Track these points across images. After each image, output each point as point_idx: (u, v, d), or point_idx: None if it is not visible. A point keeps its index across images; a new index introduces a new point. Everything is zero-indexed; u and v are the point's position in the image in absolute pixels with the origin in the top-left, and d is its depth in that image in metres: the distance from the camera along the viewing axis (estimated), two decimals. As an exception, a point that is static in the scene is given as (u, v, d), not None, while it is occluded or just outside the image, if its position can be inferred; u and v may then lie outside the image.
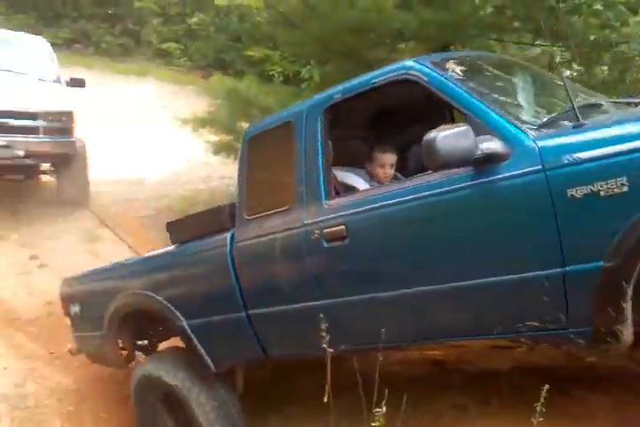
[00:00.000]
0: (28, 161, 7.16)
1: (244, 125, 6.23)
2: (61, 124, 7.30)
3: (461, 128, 2.33)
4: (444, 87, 2.63)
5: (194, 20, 16.24)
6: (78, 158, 7.65)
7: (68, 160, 7.54)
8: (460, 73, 2.74)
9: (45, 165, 7.83)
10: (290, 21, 6.42)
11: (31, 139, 7.05)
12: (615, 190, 2.06)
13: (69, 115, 7.40)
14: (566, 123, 2.45)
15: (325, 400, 2.62)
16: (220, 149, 6.45)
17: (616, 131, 2.18)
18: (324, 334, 2.60)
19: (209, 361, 3.37)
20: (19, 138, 6.96)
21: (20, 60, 8.10)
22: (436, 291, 2.54)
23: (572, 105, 2.33)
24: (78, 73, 10.81)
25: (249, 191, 3.33)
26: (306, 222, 2.93)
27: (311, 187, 2.97)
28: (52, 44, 9.17)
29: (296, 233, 2.97)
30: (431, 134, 2.32)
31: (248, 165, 3.39)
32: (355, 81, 3.04)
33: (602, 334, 2.19)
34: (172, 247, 3.76)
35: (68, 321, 4.38)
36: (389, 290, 2.67)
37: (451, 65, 2.77)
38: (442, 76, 2.66)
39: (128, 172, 8.46)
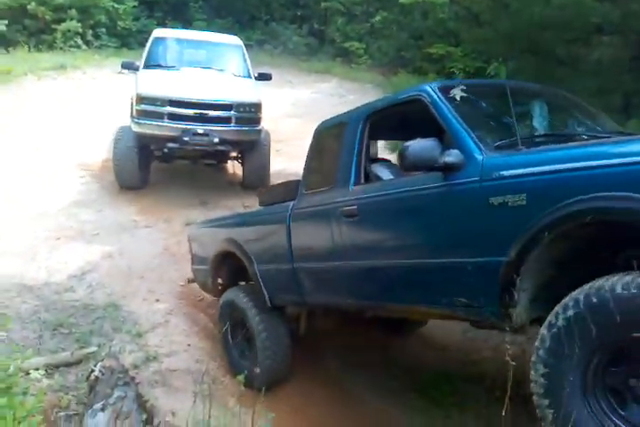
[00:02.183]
0: (222, 147, 7.88)
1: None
2: (251, 114, 8.01)
3: (429, 141, 3.06)
4: (436, 108, 3.30)
5: (377, 18, 16.41)
6: (263, 146, 8.34)
7: (254, 147, 8.23)
8: (459, 98, 3.32)
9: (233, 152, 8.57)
10: (476, 18, 6.24)
11: (225, 127, 7.78)
12: (518, 203, 2.67)
13: (258, 106, 8.09)
14: (521, 147, 2.97)
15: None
16: (397, 146, 6.44)
17: (529, 157, 2.82)
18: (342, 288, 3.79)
19: (267, 297, 4.45)
20: (215, 127, 7.73)
21: (218, 59, 9.11)
22: (405, 265, 3.34)
23: (516, 133, 2.96)
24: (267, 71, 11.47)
25: (309, 172, 4.28)
26: (336, 200, 3.76)
27: (345, 174, 3.80)
28: (245, 45, 9.81)
29: (329, 208, 3.81)
30: (406, 143, 3.08)
31: (312, 152, 4.32)
32: (390, 96, 3.96)
33: (504, 315, 2.77)
34: (257, 208, 5.09)
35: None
36: (377, 260, 3.51)
37: (455, 91, 3.35)
38: (439, 99, 3.32)
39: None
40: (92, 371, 4.26)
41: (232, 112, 7.82)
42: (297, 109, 11.33)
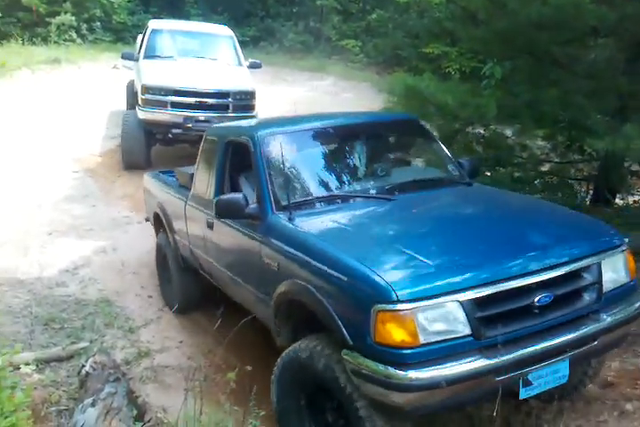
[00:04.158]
0: None
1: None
2: (246, 101, 8.63)
3: (236, 196, 3.70)
4: (255, 157, 3.83)
5: (373, 16, 16.41)
6: None
7: None
8: (274, 152, 3.82)
9: None
10: (473, 17, 6.23)
11: (224, 114, 8.32)
12: (275, 266, 3.43)
13: (252, 94, 8.71)
14: (319, 205, 3.67)
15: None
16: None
17: (287, 232, 3.46)
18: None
19: (180, 258, 5.25)
20: (215, 113, 8.26)
21: (211, 48, 9.80)
22: (232, 277, 4.15)
23: (288, 199, 3.53)
24: (261, 71, 11.51)
25: (196, 173, 4.82)
26: (205, 211, 4.41)
27: (213, 188, 4.42)
28: (240, 42, 9.89)
29: (202, 214, 4.52)
30: (220, 195, 3.84)
31: (200, 155, 4.85)
32: (241, 129, 4.50)
33: (280, 335, 3.54)
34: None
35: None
36: (220, 265, 4.35)
37: (273, 141, 3.87)
38: (259, 150, 3.82)
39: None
40: (83, 366, 4.24)
41: (229, 100, 8.47)
42: (291, 107, 11.29)
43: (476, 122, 5.99)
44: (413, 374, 2.55)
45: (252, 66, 9.66)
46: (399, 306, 2.58)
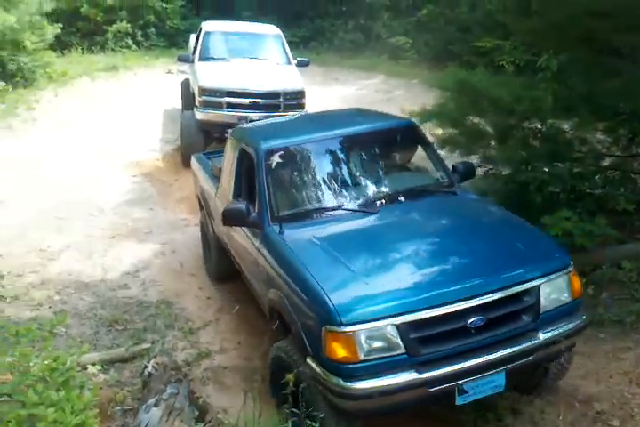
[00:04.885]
0: None
1: (474, 119, 6.06)
2: (297, 100, 8.93)
3: (238, 205, 4.06)
4: (258, 170, 4.18)
5: (423, 11, 16.18)
6: None
7: None
8: (274, 165, 4.13)
9: None
10: (526, 8, 6.07)
11: (275, 113, 8.53)
12: (266, 273, 3.92)
13: (302, 93, 9.00)
14: (308, 217, 4.02)
15: None
16: (445, 142, 6.33)
17: (277, 245, 3.85)
18: None
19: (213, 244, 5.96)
20: (267, 113, 8.50)
21: (261, 48, 10.22)
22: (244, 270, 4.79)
23: (278, 212, 4.04)
24: (312, 69, 11.55)
25: (222, 176, 5.41)
26: None
27: (233, 192, 4.88)
28: (291, 43, 9.97)
29: None
30: (225, 205, 4.24)
31: (225, 154, 5.48)
32: (251, 143, 4.58)
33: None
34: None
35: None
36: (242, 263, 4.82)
37: (274, 158, 4.12)
38: (262, 164, 4.18)
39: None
40: (146, 367, 4.35)
41: (280, 99, 8.78)
42: (343, 106, 11.28)
43: (532, 116, 5.84)
44: (352, 386, 3.01)
45: (300, 64, 10.00)
46: (342, 328, 3.02)
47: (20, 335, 3.23)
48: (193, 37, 11.90)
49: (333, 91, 13.47)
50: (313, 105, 9.28)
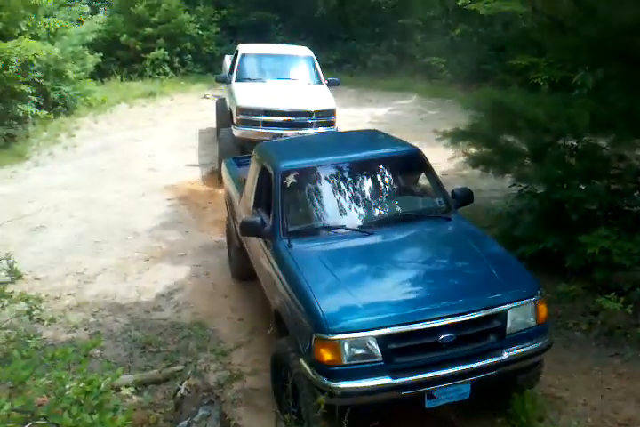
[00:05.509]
0: None
1: (508, 139, 5.98)
2: (327, 118, 9.34)
3: (253, 218, 4.58)
4: (275, 189, 4.58)
5: (457, 31, 16.18)
6: None
7: None
8: (289, 185, 4.49)
9: None
10: (560, 25, 6.01)
11: (307, 130, 9.05)
12: (274, 281, 4.42)
13: (333, 111, 9.45)
14: (314, 234, 4.49)
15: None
16: (478, 161, 6.26)
17: (287, 258, 4.25)
18: None
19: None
20: (300, 131, 8.98)
21: (294, 69, 10.75)
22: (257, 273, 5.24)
23: (287, 228, 4.42)
24: (345, 91, 11.61)
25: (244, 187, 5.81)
26: None
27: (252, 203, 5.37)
28: (325, 65, 10.11)
29: None
30: (243, 217, 4.85)
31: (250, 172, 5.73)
32: (273, 164, 4.87)
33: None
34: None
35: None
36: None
37: (289, 178, 4.49)
38: (279, 183, 4.57)
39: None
40: (178, 389, 4.35)
41: (313, 118, 9.20)
42: (377, 127, 11.31)
43: (569, 134, 5.74)
44: (336, 385, 3.50)
45: (331, 83, 10.54)
46: (330, 336, 3.51)
47: (55, 358, 3.26)
48: (227, 58, 12.50)
49: (367, 112, 13.52)
50: (347, 126, 9.31)
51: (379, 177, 4.91)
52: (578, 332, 5.16)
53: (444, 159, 6.80)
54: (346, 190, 4.76)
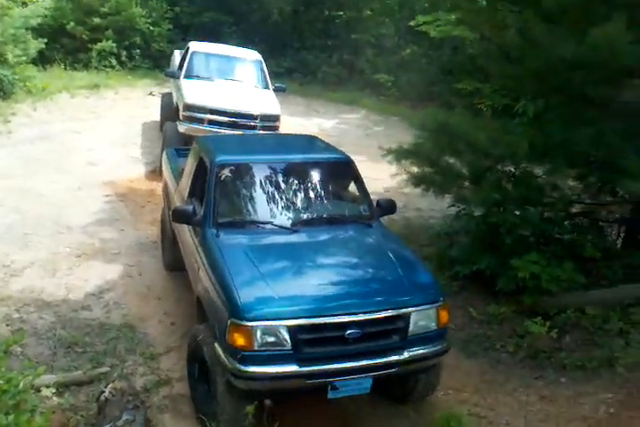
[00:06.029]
0: None
1: (450, 160, 6.15)
2: (272, 123, 9.56)
3: (186, 207, 4.77)
4: (209, 180, 4.78)
5: (407, 51, 16.55)
6: None
7: None
8: (223, 178, 4.68)
9: None
10: (507, 55, 6.24)
11: (250, 132, 9.16)
12: (197, 267, 4.62)
13: (277, 117, 9.69)
14: (242, 227, 4.72)
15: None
16: (420, 180, 6.40)
17: (211, 244, 4.47)
18: None
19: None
20: (243, 131, 9.07)
21: (243, 71, 10.98)
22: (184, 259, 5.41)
23: (217, 219, 4.63)
24: (294, 100, 11.66)
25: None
26: None
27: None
28: (275, 73, 10.15)
29: None
30: (175, 206, 5.16)
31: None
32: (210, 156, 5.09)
33: None
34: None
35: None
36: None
37: (224, 171, 4.69)
38: (214, 175, 4.77)
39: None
40: (103, 392, 4.24)
41: (257, 121, 9.43)
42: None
43: (507, 160, 5.95)
44: (246, 369, 3.69)
45: (277, 89, 10.80)
46: (244, 323, 3.70)
47: (-29, 354, 3.13)
48: (176, 53, 12.48)
49: (315, 122, 13.60)
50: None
51: (310, 180, 5.13)
52: (505, 353, 5.33)
53: (387, 175, 6.90)
54: (277, 189, 4.97)
